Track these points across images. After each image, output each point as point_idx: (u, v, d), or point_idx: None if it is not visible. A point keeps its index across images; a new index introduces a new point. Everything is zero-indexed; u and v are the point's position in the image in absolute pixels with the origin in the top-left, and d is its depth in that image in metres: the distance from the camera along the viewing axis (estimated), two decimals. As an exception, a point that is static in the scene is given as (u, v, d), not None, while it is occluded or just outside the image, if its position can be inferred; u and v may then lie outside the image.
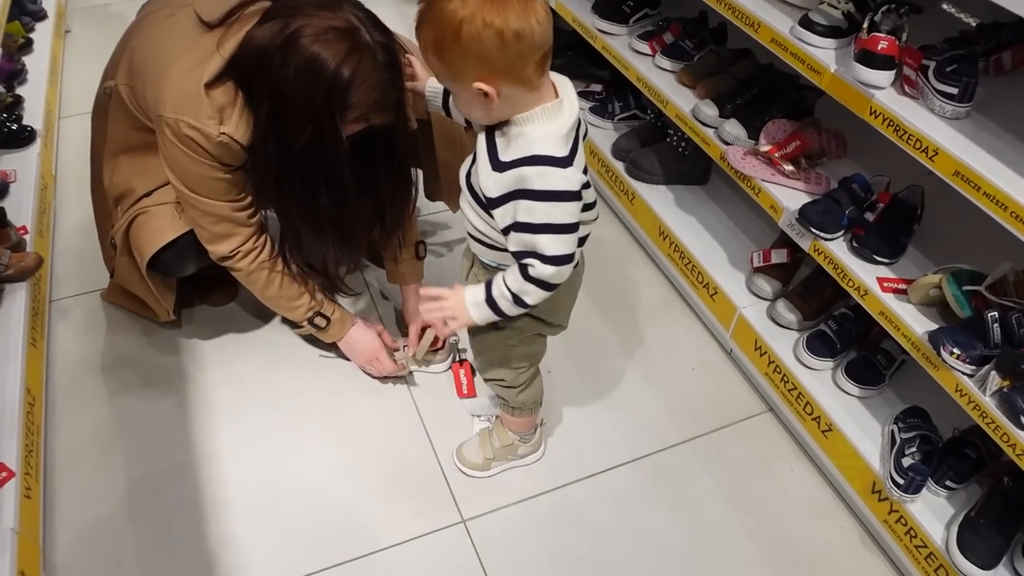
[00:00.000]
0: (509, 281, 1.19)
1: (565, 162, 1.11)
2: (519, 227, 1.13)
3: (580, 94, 2.38)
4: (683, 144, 2.08)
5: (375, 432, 1.70)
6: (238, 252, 1.53)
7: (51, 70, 2.58)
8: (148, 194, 1.57)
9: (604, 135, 2.30)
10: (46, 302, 1.87)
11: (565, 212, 1.12)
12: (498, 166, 1.14)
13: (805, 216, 1.55)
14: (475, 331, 1.42)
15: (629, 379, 1.85)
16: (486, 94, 1.07)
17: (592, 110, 2.33)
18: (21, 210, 1.96)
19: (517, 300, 1.19)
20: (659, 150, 2.13)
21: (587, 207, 1.21)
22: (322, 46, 1.26)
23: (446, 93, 1.37)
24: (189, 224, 1.54)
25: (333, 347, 1.81)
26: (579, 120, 1.16)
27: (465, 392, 1.80)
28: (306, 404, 1.74)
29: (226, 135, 1.37)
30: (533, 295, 1.18)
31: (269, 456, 1.64)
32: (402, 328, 1.90)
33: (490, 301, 1.22)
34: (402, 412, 1.74)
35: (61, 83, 2.69)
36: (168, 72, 1.38)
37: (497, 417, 1.65)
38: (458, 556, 1.51)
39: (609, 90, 2.36)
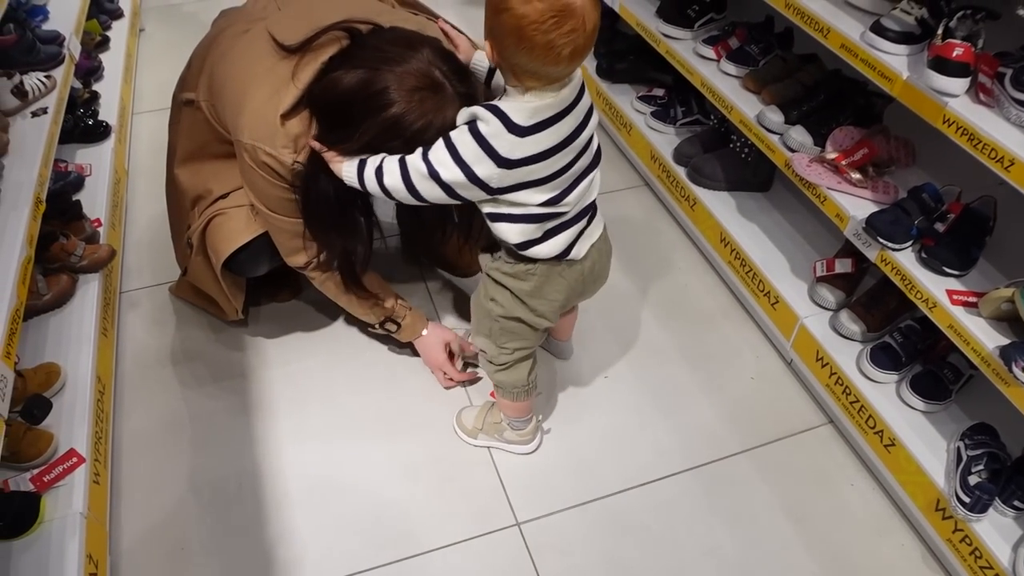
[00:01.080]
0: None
1: (518, 130, 1.18)
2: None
3: (642, 98, 2.40)
4: (747, 150, 2.07)
5: (432, 433, 1.73)
6: (311, 263, 1.59)
7: (126, 67, 2.69)
8: (224, 196, 1.63)
9: (665, 140, 2.30)
10: (117, 293, 1.95)
11: (468, 156, 1.21)
12: None
13: (872, 225, 1.53)
14: (474, 297, 1.52)
15: (687, 387, 1.85)
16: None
17: (654, 114, 2.34)
18: (95, 203, 2.04)
19: (377, 172, 1.30)
20: (722, 156, 2.13)
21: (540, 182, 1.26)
22: (407, 105, 1.28)
23: (491, 71, 1.42)
24: (264, 228, 1.59)
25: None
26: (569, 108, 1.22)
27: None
28: (365, 403, 1.78)
29: (299, 163, 1.43)
30: (386, 177, 1.29)
31: (328, 453, 1.68)
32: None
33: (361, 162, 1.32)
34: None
35: (135, 80, 2.80)
36: (246, 99, 1.43)
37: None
38: (512, 559, 1.53)
39: (671, 95, 2.36)
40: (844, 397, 1.68)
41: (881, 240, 1.52)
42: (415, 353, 1.86)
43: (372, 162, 1.31)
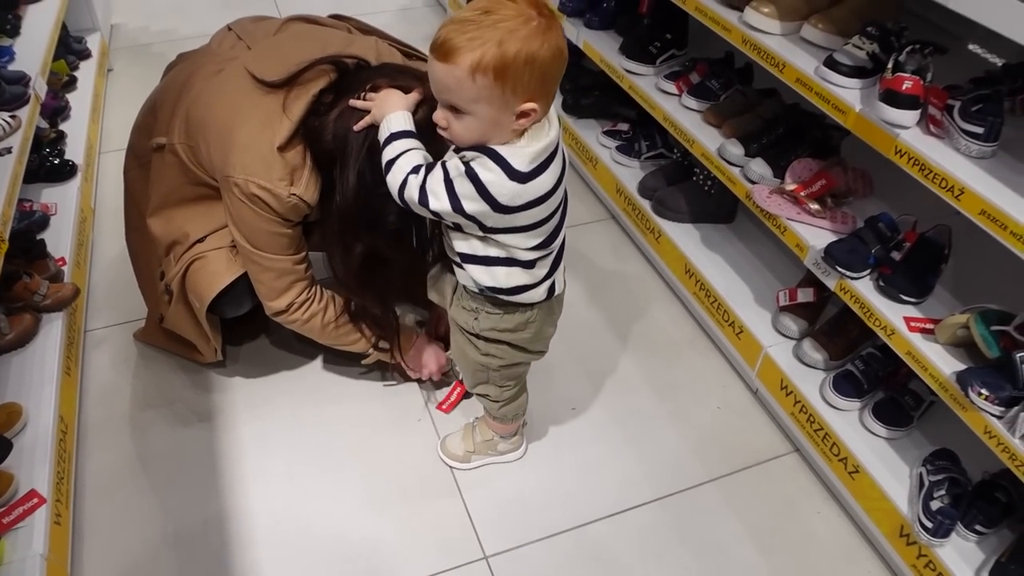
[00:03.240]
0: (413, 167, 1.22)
1: (519, 176, 1.16)
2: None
3: (607, 133, 2.43)
4: (709, 182, 2.10)
5: (399, 467, 1.71)
6: (293, 304, 1.58)
7: (93, 107, 2.67)
8: (202, 239, 1.60)
9: (631, 173, 2.32)
10: (81, 332, 1.93)
11: (463, 194, 1.17)
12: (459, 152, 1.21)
13: (831, 255, 1.55)
14: (460, 355, 1.51)
15: (654, 416, 1.85)
16: (527, 113, 1.13)
17: (619, 148, 2.36)
18: (60, 242, 2.02)
19: (405, 182, 1.22)
20: (685, 188, 2.15)
21: (542, 222, 1.24)
22: None
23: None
24: (245, 268, 1.58)
25: (367, 375, 1.83)
26: (558, 145, 1.21)
27: (444, 408, 1.84)
28: (331, 438, 1.76)
29: (295, 196, 1.43)
30: (407, 187, 1.22)
31: (293, 492, 1.65)
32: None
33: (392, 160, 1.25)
34: (426, 449, 1.75)
35: (103, 119, 2.78)
36: (234, 135, 1.42)
37: (481, 416, 1.70)
38: (479, 592, 1.51)
39: (635, 129, 2.39)
40: (808, 425, 1.69)
41: (839, 269, 1.54)
42: (384, 377, 1.87)
43: (396, 148, 1.25)
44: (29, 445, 1.53)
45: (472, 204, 1.17)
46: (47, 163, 2.22)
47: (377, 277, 1.54)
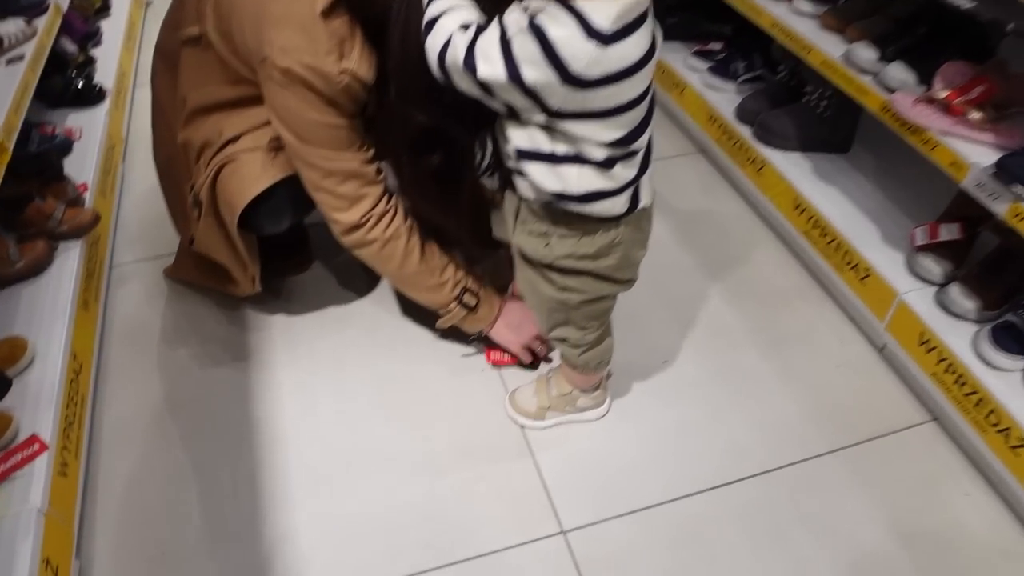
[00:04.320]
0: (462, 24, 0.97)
1: (600, 36, 0.89)
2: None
3: (697, 54, 2.12)
4: (823, 103, 1.78)
5: (461, 425, 1.45)
6: (370, 217, 1.31)
7: (127, 35, 2.46)
8: (235, 139, 1.35)
9: (725, 99, 2.01)
10: (105, 265, 1.70)
11: (523, 56, 0.91)
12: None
13: (1007, 169, 1.23)
14: (531, 293, 1.25)
15: (760, 374, 1.56)
16: None
17: (711, 70, 2.06)
18: (83, 168, 1.80)
19: (448, 44, 0.96)
20: (793, 112, 1.84)
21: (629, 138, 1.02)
22: None
23: None
24: (286, 170, 1.32)
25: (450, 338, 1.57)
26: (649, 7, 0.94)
27: (493, 360, 1.57)
28: (385, 389, 1.51)
29: (347, 73, 1.17)
30: (451, 49, 0.96)
31: (340, 447, 1.41)
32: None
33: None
34: (492, 404, 1.48)
35: (139, 51, 2.56)
36: (269, 6, 1.17)
37: (557, 367, 1.44)
38: (554, 570, 1.24)
39: (730, 48, 2.08)
40: (957, 388, 1.38)
41: (1019, 188, 1.22)
42: (445, 335, 1.58)
43: (441, 5, 0.99)
44: (35, 385, 1.31)
45: (534, 71, 0.91)
46: (72, 86, 2.00)
47: (449, 193, 1.28)
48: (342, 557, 1.25)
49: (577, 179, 1.03)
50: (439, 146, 1.21)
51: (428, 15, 0.99)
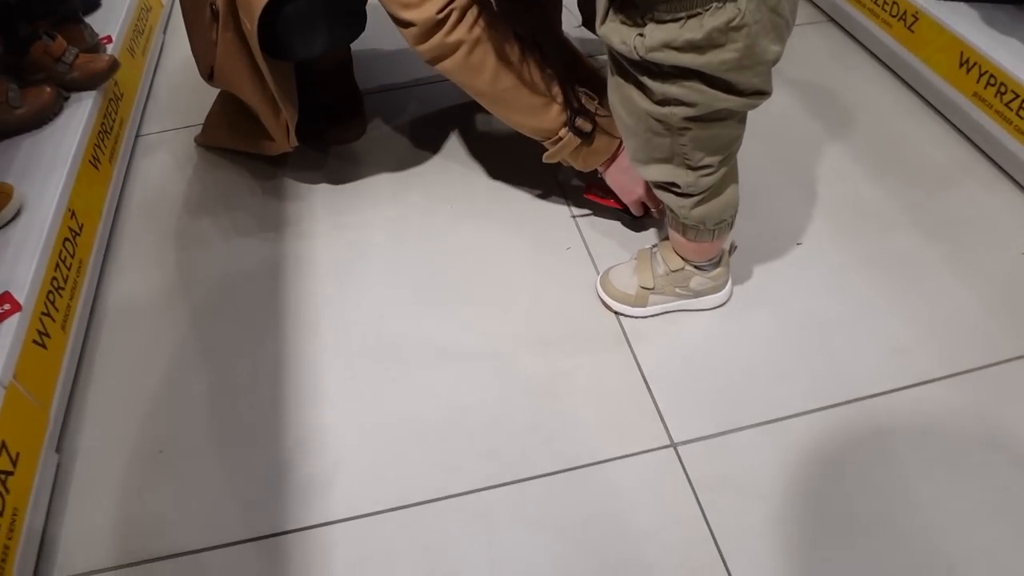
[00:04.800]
0: None
1: None
2: None
3: (831, -102, 1.70)
4: (1005, -67, 1.37)
5: (543, 312, 1.14)
6: (451, 10, 0.98)
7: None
8: None
9: (866, -51, 1.61)
10: (127, 127, 1.44)
11: None
12: None
13: None
14: (625, 113, 0.90)
15: (925, 262, 1.19)
16: None
17: (850, -85, 1.65)
18: (110, 22, 1.52)
19: None
20: (963, -53, 1.43)
21: None
22: None
23: None
24: None
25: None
26: None
27: (594, 196, 1.25)
28: (448, 268, 1.20)
29: None
30: None
31: (387, 333, 1.11)
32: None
33: None
34: (581, 288, 1.16)
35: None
36: None
37: (664, 239, 1.09)
38: (665, 490, 0.93)
39: None
40: None
41: None
42: (523, 210, 1.27)
43: None
44: (18, 238, 1.05)
45: None
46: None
47: None
48: (381, 468, 0.96)
49: None
50: None
51: None
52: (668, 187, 0.97)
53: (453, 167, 1.38)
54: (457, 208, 1.30)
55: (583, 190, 1.27)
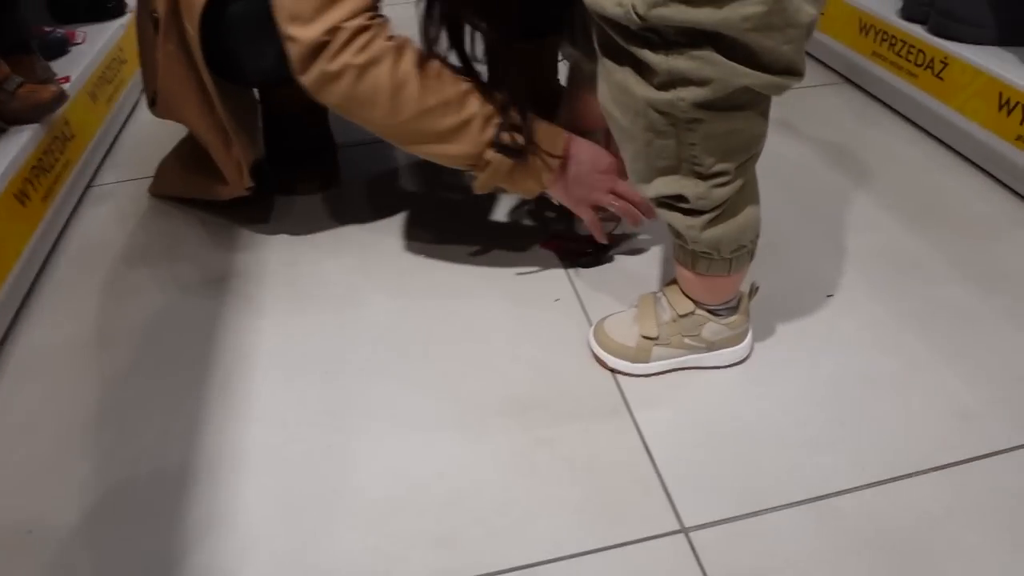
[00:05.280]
0: None
1: None
2: None
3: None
4: (1039, -30, 1.23)
5: (522, 373, 0.93)
6: (341, 31, 0.82)
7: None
8: None
9: (883, 5, 1.48)
10: (74, 170, 1.27)
11: None
12: None
13: None
14: (616, 104, 0.72)
15: (982, 316, 0.98)
16: None
17: (863, -30, 1.53)
18: (72, 64, 1.39)
19: None
20: (991, -11, 1.29)
21: None
22: None
23: None
24: None
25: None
26: None
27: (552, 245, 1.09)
28: (413, 326, 1.00)
29: None
30: None
31: (334, 398, 0.90)
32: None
33: None
34: (572, 343, 0.96)
35: None
36: None
37: (672, 281, 0.89)
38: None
39: (887, -53, 1.55)
40: None
41: None
42: (500, 255, 1.08)
43: None
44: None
45: None
46: (86, -3, 1.62)
47: None
48: (304, 554, 0.73)
49: None
50: None
51: None
52: (674, 203, 0.78)
53: (429, 219, 1.20)
54: (428, 260, 1.11)
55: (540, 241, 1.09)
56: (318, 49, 0.83)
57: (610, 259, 1.09)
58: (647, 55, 0.66)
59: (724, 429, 0.84)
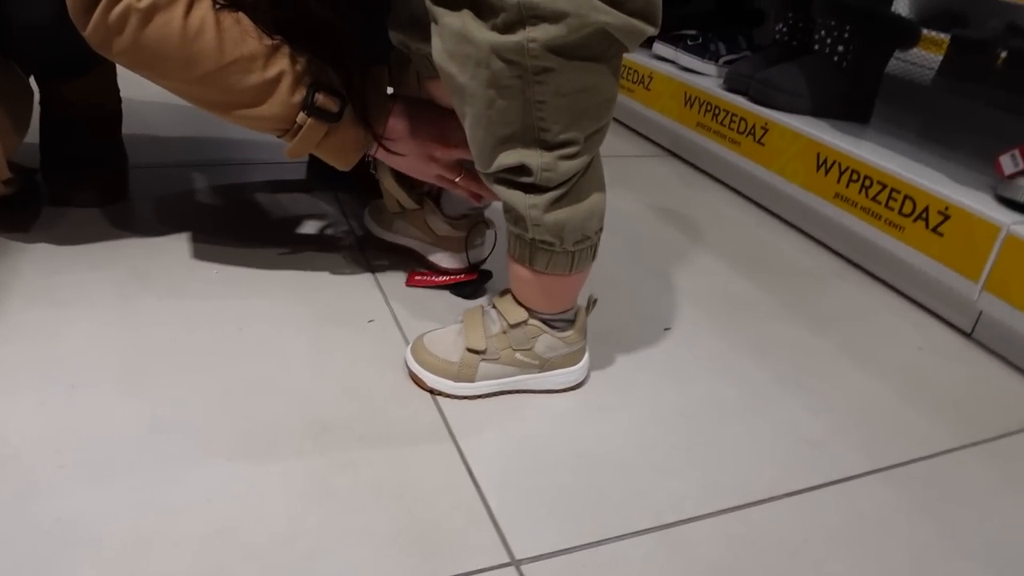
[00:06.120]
0: None
1: None
2: None
3: (667, 40, 1.65)
4: (843, 47, 1.31)
5: (330, 393, 0.76)
6: None
7: None
8: None
9: (706, 82, 1.53)
10: None
11: None
12: None
13: None
14: (454, 47, 0.63)
15: (819, 351, 0.94)
16: None
17: (688, 49, 1.59)
18: None
19: None
20: (804, 64, 1.36)
21: None
22: None
23: None
24: None
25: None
26: None
27: (420, 280, 0.96)
28: (195, 342, 0.81)
29: None
30: None
31: (76, 415, 0.69)
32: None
33: None
34: (388, 364, 0.81)
35: None
36: None
37: (504, 292, 0.78)
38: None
39: (706, 33, 1.62)
40: None
41: None
42: (291, 254, 0.93)
43: None
44: None
45: None
46: None
47: None
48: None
49: None
50: None
51: None
52: (515, 178, 0.67)
53: (225, 234, 1.03)
54: (220, 274, 0.93)
55: (405, 279, 0.95)
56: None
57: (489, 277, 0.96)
58: None
59: (560, 453, 0.71)
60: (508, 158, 0.65)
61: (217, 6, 0.72)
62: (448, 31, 0.62)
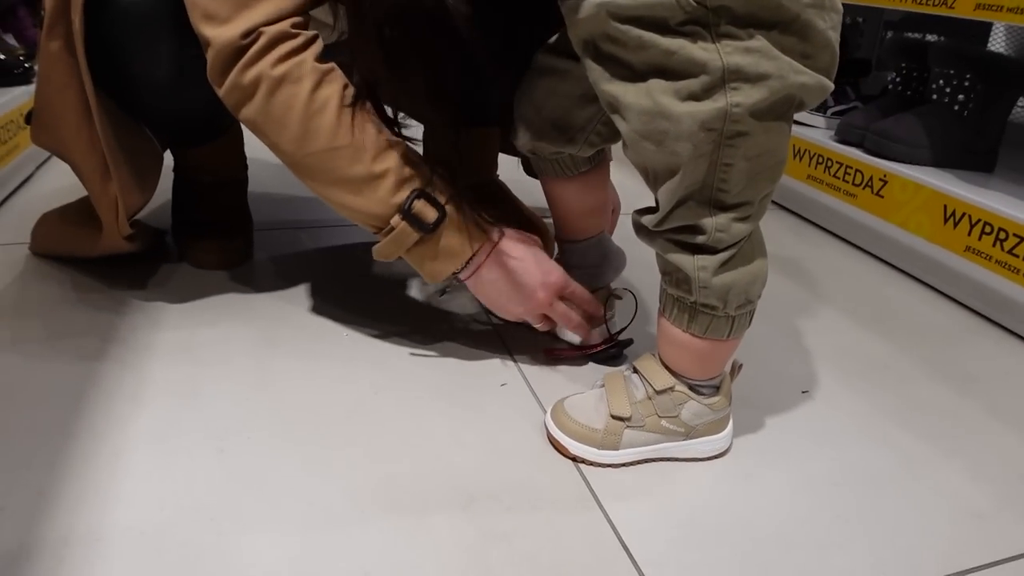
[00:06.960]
0: None
1: None
2: None
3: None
4: (963, 96, 1.26)
5: (472, 460, 0.76)
6: (259, 35, 0.71)
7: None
8: None
9: (817, 134, 1.50)
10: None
11: None
12: None
13: None
14: (651, 128, 0.61)
15: (967, 414, 0.89)
16: None
17: (792, 101, 1.56)
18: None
19: None
20: (922, 114, 1.32)
21: None
22: None
23: None
24: None
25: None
26: None
27: (561, 353, 0.92)
28: (334, 411, 0.82)
29: None
30: None
31: (221, 486, 0.70)
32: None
33: None
34: (523, 431, 0.80)
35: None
36: None
37: (647, 355, 0.76)
38: None
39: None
40: None
41: None
42: (420, 323, 0.93)
43: None
44: None
45: None
46: (-4, 63, 1.47)
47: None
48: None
49: None
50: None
51: None
52: (686, 239, 0.66)
53: (354, 298, 1.04)
54: (352, 339, 0.94)
55: (544, 351, 0.93)
56: (235, 54, 0.71)
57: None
58: (692, 51, 0.56)
59: (715, 525, 0.68)
60: (683, 217, 0.64)
61: (349, 92, 0.73)
62: (635, 112, 0.61)
